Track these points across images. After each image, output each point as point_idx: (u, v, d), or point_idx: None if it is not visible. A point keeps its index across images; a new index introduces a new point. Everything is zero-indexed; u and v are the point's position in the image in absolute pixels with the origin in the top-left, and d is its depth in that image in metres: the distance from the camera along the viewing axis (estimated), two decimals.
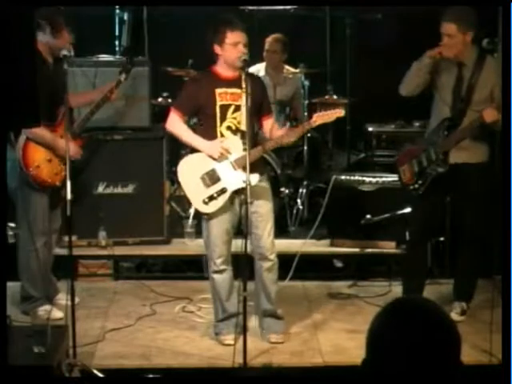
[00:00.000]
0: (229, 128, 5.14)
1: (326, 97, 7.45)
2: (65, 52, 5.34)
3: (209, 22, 5.29)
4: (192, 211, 6.88)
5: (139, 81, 6.41)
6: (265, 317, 5.40)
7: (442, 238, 6.44)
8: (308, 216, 7.15)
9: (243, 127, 5.05)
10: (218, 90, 5.13)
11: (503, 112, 5.24)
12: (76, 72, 6.19)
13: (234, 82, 5.13)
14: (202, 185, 5.18)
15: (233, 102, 5.12)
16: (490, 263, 5.88)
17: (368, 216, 6.53)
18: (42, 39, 5.32)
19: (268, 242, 5.24)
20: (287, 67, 7.56)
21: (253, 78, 5.28)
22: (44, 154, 5.55)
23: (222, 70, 5.19)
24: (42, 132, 5.39)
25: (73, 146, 5.50)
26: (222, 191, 5.17)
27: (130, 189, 6.63)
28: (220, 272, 5.28)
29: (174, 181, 7.33)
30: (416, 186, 5.63)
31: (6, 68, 3.19)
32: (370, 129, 7.56)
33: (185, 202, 7.15)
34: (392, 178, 6.58)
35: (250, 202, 4.92)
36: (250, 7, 7.51)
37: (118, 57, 7.24)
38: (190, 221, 6.81)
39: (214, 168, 5.18)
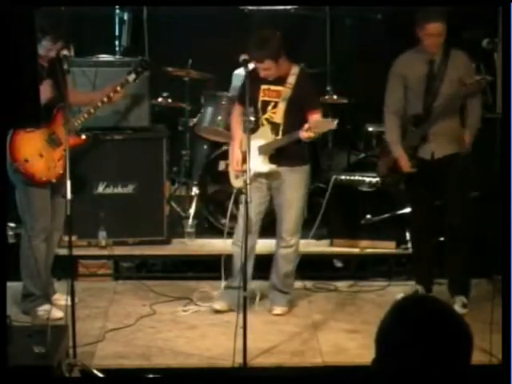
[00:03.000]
0: (267, 119, 5.64)
1: (326, 97, 7.44)
2: (65, 52, 5.35)
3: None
4: (192, 211, 6.89)
5: (140, 80, 6.39)
6: (272, 290, 5.84)
7: (441, 238, 6.44)
8: (308, 216, 7.13)
9: (276, 119, 5.59)
10: (263, 86, 5.61)
11: (503, 111, 5.28)
12: (76, 72, 6.19)
13: (280, 80, 5.56)
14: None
15: (273, 98, 5.59)
16: (490, 263, 5.89)
17: (368, 216, 6.53)
18: None
19: (288, 225, 5.69)
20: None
21: (301, 74, 5.66)
22: (34, 148, 5.52)
23: None
24: None
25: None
26: (245, 171, 5.47)
27: (129, 189, 6.62)
28: (236, 245, 5.67)
29: (175, 181, 7.35)
30: (390, 179, 5.95)
31: (7, 68, 3.19)
32: (370, 129, 7.54)
33: (185, 202, 7.17)
34: None
35: (277, 187, 5.62)
36: (250, 7, 7.51)
37: (118, 57, 7.23)
38: (190, 221, 6.80)
39: (247, 150, 5.58)
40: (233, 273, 5.81)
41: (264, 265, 5.93)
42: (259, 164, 5.59)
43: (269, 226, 5.94)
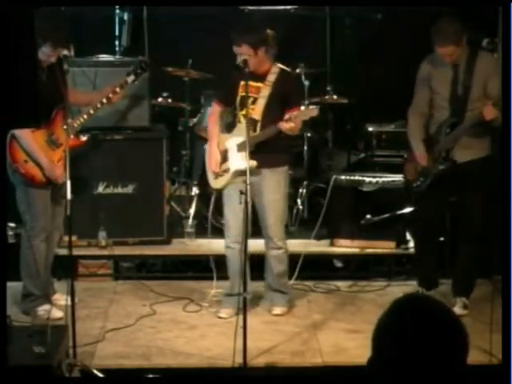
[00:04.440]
0: (245, 116, 5.50)
1: (326, 97, 7.44)
2: (65, 52, 5.35)
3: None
4: (192, 211, 6.89)
5: (139, 81, 6.39)
6: (269, 291, 5.82)
7: (441, 238, 6.44)
8: (308, 216, 7.14)
9: (255, 115, 5.52)
10: (243, 82, 5.51)
11: (503, 112, 5.27)
12: (76, 72, 6.19)
13: (261, 76, 5.54)
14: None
15: (252, 94, 5.52)
16: (490, 263, 5.89)
17: (368, 216, 6.53)
18: None
19: (272, 229, 5.66)
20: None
21: (283, 72, 5.63)
22: None
23: None
24: (26, 135, 5.40)
25: (57, 169, 5.52)
26: (226, 171, 5.61)
27: (129, 189, 6.62)
28: (229, 248, 5.72)
29: (175, 181, 7.35)
30: (418, 183, 5.80)
31: (7, 68, 3.19)
32: (370, 129, 7.55)
33: (185, 202, 7.17)
34: (392, 178, 6.59)
35: (258, 188, 5.49)
36: (250, 7, 7.51)
37: (118, 57, 7.23)
38: (190, 221, 6.81)
39: (226, 148, 5.64)
40: (229, 276, 5.80)
41: (262, 264, 5.93)
42: (239, 161, 5.53)
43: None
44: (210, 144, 5.75)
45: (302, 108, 5.31)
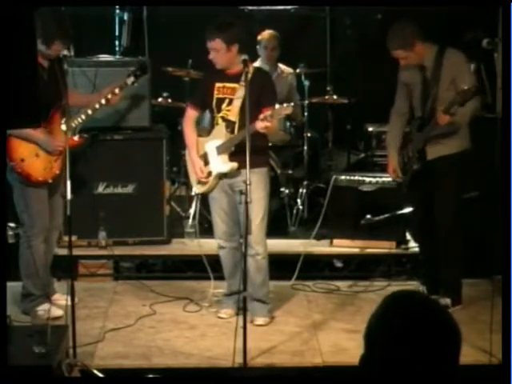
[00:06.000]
0: (222, 118, 5.53)
1: (326, 97, 7.45)
2: (65, 52, 5.35)
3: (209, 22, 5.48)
4: (192, 211, 6.89)
5: (139, 81, 6.40)
6: (251, 301, 5.53)
7: None
8: (308, 216, 7.15)
9: (231, 117, 5.47)
10: (218, 84, 5.51)
11: (503, 111, 5.28)
12: (76, 72, 6.18)
13: (235, 77, 5.45)
14: None
15: (228, 95, 5.49)
16: (490, 263, 5.89)
17: (368, 216, 6.53)
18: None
19: (253, 232, 5.23)
20: (280, 65, 7.57)
21: (256, 72, 5.54)
22: (30, 148, 5.50)
23: None
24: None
25: (55, 140, 5.50)
26: (209, 174, 5.57)
27: (129, 189, 6.63)
28: (222, 248, 5.73)
29: (175, 181, 7.35)
30: (400, 180, 5.94)
31: (6, 68, 3.19)
32: (370, 129, 7.56)
33: (185, 202, 7.17)
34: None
35: (240, 190, 5.23)
36: (250, 7, 7.52)
37: (118, 57, 7.24)
38: (190, 221, 6.81)
39: (206, 152, 5.61)
40: (225, 277, 5.79)
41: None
42: (219, 164, 5.50)
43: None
44: (190, 152, 5.68)
45: (277, 107, 5.26)
